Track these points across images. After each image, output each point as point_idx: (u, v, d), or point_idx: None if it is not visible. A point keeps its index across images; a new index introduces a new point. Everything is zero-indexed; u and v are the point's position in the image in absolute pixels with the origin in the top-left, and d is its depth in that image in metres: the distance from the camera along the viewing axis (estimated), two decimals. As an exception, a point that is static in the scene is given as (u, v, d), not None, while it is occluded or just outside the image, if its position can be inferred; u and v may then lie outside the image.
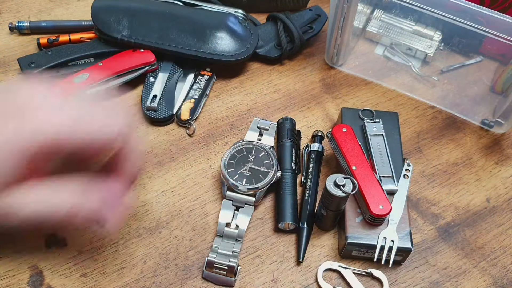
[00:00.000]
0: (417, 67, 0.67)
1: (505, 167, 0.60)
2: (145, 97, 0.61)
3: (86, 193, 0.42)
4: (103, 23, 0.62)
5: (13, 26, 0.67)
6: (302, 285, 0.50)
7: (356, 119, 0.58)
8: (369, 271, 0.50)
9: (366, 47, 0.70)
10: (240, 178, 0.53)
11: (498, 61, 0.65)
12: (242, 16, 0.67)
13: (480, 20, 0.52)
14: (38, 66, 0.61)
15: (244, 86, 0.65)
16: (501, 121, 0.61)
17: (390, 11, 0.69)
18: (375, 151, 0.54)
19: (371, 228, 0.50)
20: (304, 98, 0.64)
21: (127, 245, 0.51)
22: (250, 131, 0.58)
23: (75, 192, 0.41)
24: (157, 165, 0.57)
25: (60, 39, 0.65)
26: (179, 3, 0.67)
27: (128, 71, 0.61)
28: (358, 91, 0.66)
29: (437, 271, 0.52)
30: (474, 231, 0.55)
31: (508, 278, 0.51)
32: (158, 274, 0.50)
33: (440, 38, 0.67)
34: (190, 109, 0.61)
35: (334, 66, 0.68)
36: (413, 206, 0.56)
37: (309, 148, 0.58)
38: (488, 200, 0.57)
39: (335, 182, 0.47)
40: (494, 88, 0.64)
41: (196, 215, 0.54)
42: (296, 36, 0.66)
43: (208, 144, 0.59)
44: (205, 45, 0.63)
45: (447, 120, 0.64)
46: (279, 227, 0.52)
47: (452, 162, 0.60)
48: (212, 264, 0.49)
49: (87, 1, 0.71)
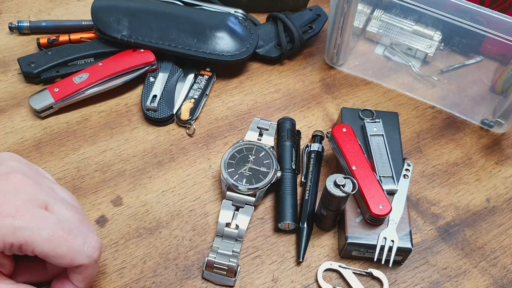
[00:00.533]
0: (417, 67, 0.67)
1: (505, 167, 0.60)
2: (145, 97, 0.61)
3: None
4: (103, 23, 0.62)
5: (13, 26, 0.67)
6: (302, 285, 0.50)
7: (356, 119, 0.58)
8: (369, 271, 0.50)
9: (366, 47, 0.70)
10: (240, 178, 0.53)
11: (498, 61, 0.65)
12: (242, 16, 0.67)
13: (480, 20, 0.52)
14: (38, 66, 0.61)
15: (244, 86, 0.65)
16: (501, 121, 0.61)
17: (390, 11, 0.69)
18: (375, 151, 0.54)
19: (371, 228, 0.50)
20: (304, 98, 0.64)
21: (127, 245, 0.51)
22: (250, 131, 0.58)
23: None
24: (157, 165, 0.57)
25: (60, 39, 0.65)
26: (179, 3, 0.67)
27: (128, 71, 0.61)
28: (358, 91, 0.66)
29: (437, 271, 0.52)
30: (474, 231, 0.54)
31: (508, 278, 0.51)
32: (158, 274, 0.50)
33: (440, 38, 0.67)
34: (190, 109, 0.61)
35: (334, 66, 0.68)
36: (413, 206, 0.56)
37: (309, 148, 0.58)
38: (488, 200, 0.57)
39: (335, 182, 0.47)
40: (494, 88, 0.64)
41: (196, 215, 0.54)
42: (296, 36, 0.66)
43: (208, 144, 0.59)
44: (205, 45, 0.62)
45: (447, 120, 0.64)
46: (279, 227, 0.52)
47: (452, 162, 0.60)
48: (212, 264, 0.49)
49: (87, 1, 0.71)
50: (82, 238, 0.41)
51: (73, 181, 0.55)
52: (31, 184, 0.41)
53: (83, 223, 0.42)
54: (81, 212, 0.44)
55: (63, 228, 0.40)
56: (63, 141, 0.58)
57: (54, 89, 0.59)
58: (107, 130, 0.60)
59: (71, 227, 0.41)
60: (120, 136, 0.59)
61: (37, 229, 0.39)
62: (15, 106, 0.61)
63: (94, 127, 0.60)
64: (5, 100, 0.61)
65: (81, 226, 0.42)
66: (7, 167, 0.42)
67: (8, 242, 0.38)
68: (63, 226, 0.40)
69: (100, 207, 0.54)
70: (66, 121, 0.60)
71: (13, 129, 0.59)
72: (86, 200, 0.54)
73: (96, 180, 0.56)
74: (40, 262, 0.44)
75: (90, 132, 0.59)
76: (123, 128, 0.60)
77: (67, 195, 0.45)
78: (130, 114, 0.61)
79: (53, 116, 0.60)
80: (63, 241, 0.39)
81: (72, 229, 0.41)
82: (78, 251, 0.40)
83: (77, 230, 0.41)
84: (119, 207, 0.54)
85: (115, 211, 0.54)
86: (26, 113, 0.60)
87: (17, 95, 0.62)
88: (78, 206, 0.45)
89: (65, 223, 0.41)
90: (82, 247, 0.41)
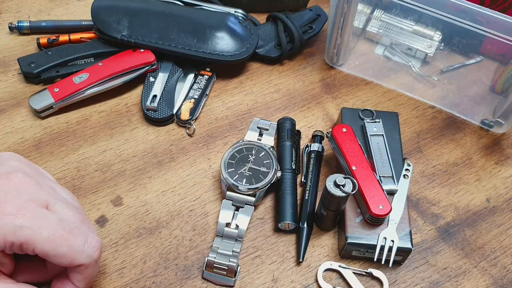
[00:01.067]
0: (417, 67, 0.67)
1: (505, 167, 0.60)
2: (145, 97, 0.61)
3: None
4: (103, 23, 0.62)
5: (13, 26, 0.67)
6: (302, 285, 0.50)
7: (356, 119, 0.58)
8: (369, 271, 0.50)
9: (366, 47, 0.70)
10: (240, 178, 0.53)
11: (498, 61, 0.65)
12: (242, 16, 0.67)
13: (480, 20, 0.52)
14: (38, 66, 0.61)
15: (244, 86, 0.65)
16: (501, 121, 0.61)
17: (390, 11, 0.69)
18: (375, 151, 0.54)
19: (371, 228, 0.50)
20: (304, 98, 0.64)
21: (127, 245, 0.51)
22: (250, 131, 0.58)
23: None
24: (157, 165, 0.57)
25: (60, 39, 0.65)
26: (179, 3, 0.67)
27: (128, 71, 0.61)
28: (358, 91, 0.66)
29: (437, 271, 0.52)
30: (474, 231, 0.54)
31: (508, 278, 0.51)
32: (158, 274, 0.50)
33: (440, 38, 0.67)
34: (190, 109, 0.61)
35: (334, 66, 0.68)
36: (413, 206, 0.56)
37: (309, 148, 0.58)
38: (488, 200, 0.57)
39: (335, 182, 0.47)
40: (494, 88, 0.64)
41: (196, 215, 0.54)
42: (296, 36, 0.66)
43: (208, 144, 0.59)
44: (205, 45, 0.62)
45: (447, 120, 0.64)
46: (279, 227, 0.52)
47: (452, 162, 0.60)
48: (212, 264, 0.49)
49: (87, 1, 0.71)
50: (82, 237, 0.41)
51: (73, 181, 0.55)
52: (32, 183, 0.41)
53: (83, 223, 0.43)
54: (82, 212, 0.44)
55: (63, 228, 0.40)
56: (63, 141, 0.58)
57: (54, 89, 0.59)
58: (107, 130, 0.60)
59: (72, 227, 0.41)
60: (120, 136, 0.59)
61: (38, 228, 0.39)
62: (15, 106, 0.61)
63: (94, 127, 0.60)
64: (5, 100, 0.61)
65: (82, 226, 0.42)
66: (8, 166, 0.42)
67: (8, 241, 0.38)
68: (63, 226, 0.40)
69: (100, 207, 0.54)
70: (66, 121, 0.60)
71: (13, 129, 0.59)
72: (86, 200, 0.54)
73: (96, 180, 0.56)
74: (40, 261, 0.44)
75: (90, 132, 0.59)
76: (123, 128, 0.60)
77: (68, 195, 0.45)
78: (130, 114, 0.61)
79: (53, 116, 0.60)
80: (63, 240, 0.39)
81: (73, 229, 0.41)
82: (78, 251, 0.40)
83: (78, 229, 0.41)
84: (119, 207, 0.54)
85: (115, 211, 0.54)
86: (26, 113, 0.60)
87: (17, 95, 0.62)
88: (78, 206, 0.45)
89: (66, 222, 0.41)
90: (82, 247, 0.41)
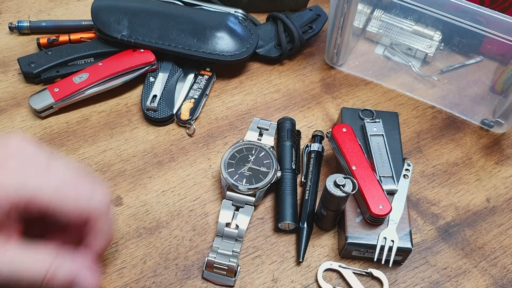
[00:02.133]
0: (417, 67, 0.67)
1: (505, 167, 0.60)
2: (145, 97, 0.61)
3: (59, 259, 0.40)
4: (103, 23, 0.62)
5: (13, 26, 0.67)
6: (302, 285, 0.50)
7: (356, 119, 0.58)
8: (369, 271, 0.50)
9: (366, 47, 0.70)
10: (240, 178, 0.53)
11: (498, 61, 0.65)
12: (242, 16, 0.67)
13: (480, 20, 0.52)
14: (38, 66, 0.61)
15: (244, 86, 0.65)
16: (501, 121, 0.61)
17: (390, 11, 0.69)
18: (375, 151, 0.54)
19: (371, 228, 0.50)
20: (304, 98, 0.64)
21: (127, 245, 0.51)
22: (250, 131, 0.58)
23: (49, 256, 0.40)
24: (157, 165, 0.57)
25: (60, 39, 0.65)
26: (179, 3, 0.67)
27: (128, 71, 0.61)
28: (358, 91, 0.66)
29: (437, 271, 0.52)
30: (474, 231, 0.55)
31: (508, 278, 0.51)
32: (158, 274, 0.50)
33: (440, 38, 0.67)
34: (190, 109, 0.61)
35: (334, 66, 0.68)
36: (413, 206, 0.56)
37: (309, 148, 0.58)
38: (488, 200, 0.57)
39: (335, 182, 0.47)
40: (494, 88, 0.64)
41: (196, 215, 0.54)
42: (296, 36, 0.66)
43: (208, 144, 0.59)
44: (205, 45, 0.63)
45: (447, 120, 0.64)
46: (279, 227, 0.52)
47: (452, 162, 0.60)
48: (212, 264, 0.49)
49: (87, 1, 0.71)
50: (88, 185, 0.41)
51: (73, 181, 0.55)
52: (32, 146, 0.41)
53: (87, 175, 0.42)
54: (84, 168, 0.43)
55: (68, 179, 0.40)
56: (63, 141, 0.58)
57: (54, 89, 0.59)
58: (107, 130, 0.60)
59: (76, 179, 0.41)
60: (120, 136, 0.59)
61: (43, 183, 0.38)
62: (15, 106, 0.61)
63: (94, 127, 0.60)
64: (5, 100, 0.61)
65: (87, 177, 0.42)
66: (9, 139, 0.42)
67: (13, 202, 0.37)
68: (68, 177, 0.40)
69: (100, 207, 0.54)
70: (66, 121, 0.60)
71: (13, 129, 0.59)
72: (86, 200, 0.54)
73: (96, 180, 0.56)
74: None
75: (90, 132, 0.59)
76: (123, 128, 0.60)
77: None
78: (130, 114, 0.61)
79: (53, 116, 0.60)
80: (70, 189, 0.39)
81: (78, 179, 0.41)
82: (87, 198, 0.40)
83: (83, 179, 0.41)
84: (119, 207, 0.54)
85: (115, 211, 0.54)
86: (26, 113, 0.60)
87: (17, 95, 0.62)
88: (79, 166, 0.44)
89: (70, 175, 0.40)
90: (90, 194, 0.40)
